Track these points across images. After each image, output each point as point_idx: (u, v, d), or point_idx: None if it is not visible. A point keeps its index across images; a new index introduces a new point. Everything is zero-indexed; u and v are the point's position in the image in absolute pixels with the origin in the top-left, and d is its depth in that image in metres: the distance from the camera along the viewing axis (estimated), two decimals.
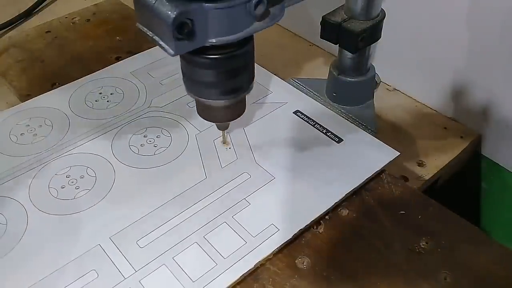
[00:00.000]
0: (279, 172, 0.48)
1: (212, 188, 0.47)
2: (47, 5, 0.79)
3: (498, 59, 0.56)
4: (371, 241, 0.43)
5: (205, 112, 0.44)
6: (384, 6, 0.52)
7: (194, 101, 0.42)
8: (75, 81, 0.60)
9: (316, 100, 0.57)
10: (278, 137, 0.52)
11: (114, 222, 0.44)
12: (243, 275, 0.41)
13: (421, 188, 0.56)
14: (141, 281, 0.40)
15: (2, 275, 0.41)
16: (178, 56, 0.37)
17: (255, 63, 0.40)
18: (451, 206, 0.45)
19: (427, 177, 0.57)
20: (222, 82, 0.39)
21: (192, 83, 0.40)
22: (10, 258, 0.42)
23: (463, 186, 0.67)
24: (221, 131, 0.51)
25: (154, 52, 0.64)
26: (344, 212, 0.45)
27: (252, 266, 0.41)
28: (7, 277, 0.41)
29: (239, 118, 0.44)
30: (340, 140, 0.51)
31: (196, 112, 0.43)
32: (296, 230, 0.43)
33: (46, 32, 0.71)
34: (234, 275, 0.40)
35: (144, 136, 0.53)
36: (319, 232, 0.44)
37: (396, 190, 0.47)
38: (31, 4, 0.78)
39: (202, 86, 0.39)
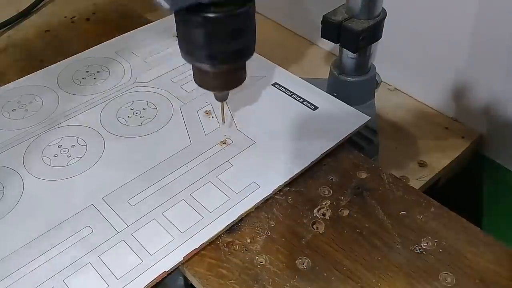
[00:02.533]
0: (259, 137, 0.51)
1: (196, 152, 0.50)
2: (46, 4, 0.79)
3: (500, 59, 0.56)
4: (371, 241, 0.42)
5: (201, 79, 0.42)
6: (385, 5, 0.52)
7: (178, 77, 0.41)
8: (60, 62, 0.63)
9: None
10: (258, 107, 0.55)
11: (105, 184, 0.47)
12: (227, 225, 0.43)
13: (422, 189, 0.56)
14: (133, 234, 0.43)
15: (2, 235, 0.44)
16: (161, 36, 0.35)
17: None
18: (452, 207, 0.45)
19: (428, 177, 0.57)
20: (220, 44, 0.37)
21: (188, 46, 0.38)
22: (9, 219, 0.45)
23: (464, 187, 0.67)
24: (209, 104, 0.51)
25: (137, 33, 0.67)
26: (345, 212, 0.45)
27: (236, 218, 0.44)
28: (7, 236, 0.43)
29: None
30: (315, 108, 0.54)
31: (194, 80, 0.43)
32: (276, 186, 0.46)
33: (45, 31, 0.71)
34: (220, 226, 0.43)
35: (130, 109, 0.55)
36: (319, 232, 0.43)
37: (397, 190, 0.46)
38: (30, 3, 0.77)
39: (199, 49, 0.37)
